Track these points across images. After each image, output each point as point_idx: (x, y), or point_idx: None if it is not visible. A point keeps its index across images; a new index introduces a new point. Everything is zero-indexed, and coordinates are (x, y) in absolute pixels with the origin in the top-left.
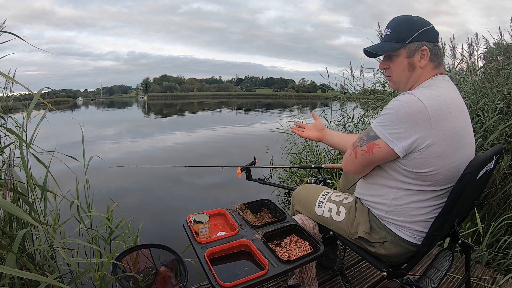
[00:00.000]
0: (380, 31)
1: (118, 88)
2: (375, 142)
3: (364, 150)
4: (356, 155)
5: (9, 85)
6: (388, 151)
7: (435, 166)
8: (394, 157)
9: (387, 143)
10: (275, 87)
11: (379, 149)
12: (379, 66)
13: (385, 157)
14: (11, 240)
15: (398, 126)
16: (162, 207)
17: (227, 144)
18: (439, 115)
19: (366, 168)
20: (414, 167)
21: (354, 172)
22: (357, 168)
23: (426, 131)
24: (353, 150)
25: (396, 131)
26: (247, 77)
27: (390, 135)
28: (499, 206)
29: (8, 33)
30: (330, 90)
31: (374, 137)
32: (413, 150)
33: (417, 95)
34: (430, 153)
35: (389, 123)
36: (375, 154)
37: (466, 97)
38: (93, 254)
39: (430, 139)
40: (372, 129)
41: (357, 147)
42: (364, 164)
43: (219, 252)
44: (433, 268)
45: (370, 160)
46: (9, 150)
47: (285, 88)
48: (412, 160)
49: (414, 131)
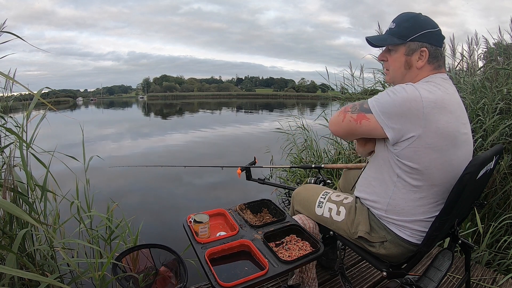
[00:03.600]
0: (380, 31)
1: (118, 88)
2: (366, 115)
3: (353, 118)
4: (344, 119)
5: (9, 85)
6: (376, 127)
7: (427, 159)
8: (381, 135)
9: (377, 120)
10: (275, 87)
11: (367, 122)
12: (378, 57)
13: (371, 132)
14: (11, 240)
15: (392, 108)
16: (162, 207)
17: (227, 144)
18: (433, 108)
19: (348, 135)
20: (406, 157)
21: (336, 132)
22: (339, 130)
23: (417, 120)
24: (342, 113)
25: (388, 110)
26: (247, 77)
27: (382, 114)
28: (499, 206)
29: (8, 33)
30: (330, 90)
31: (367, 110)
32: (402, 137)
33: (416, 86)
34: (421, 144)
35: (385, 103)
36: (362, 125)
37: (466, 97)
38: (93, 254)
39: (421, 129)
40: (367, 102)
41: (348, 112)
42: (348, 130)
43: (219, 252)
44: (433, 268)
45: (356, 129)
46: (9, 150)
47: (285, 88)
48: (404, 150)
49: (405, 118)
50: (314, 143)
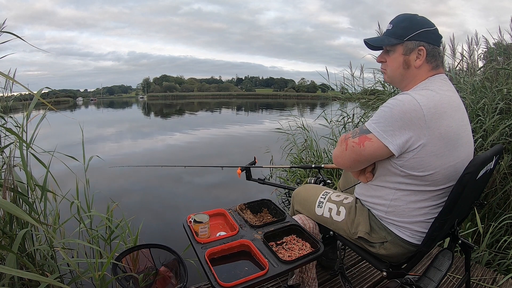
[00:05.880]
0: (380, 31)
1: (118, 88)
2: (368, 136)
3: (355, 142)
4: (347, 147)
5: (9, 85)
6: (380, 146)
7: (432, 166)
8: (387, 154)
9: (379, 139)
10: (275, 87)
11: (370, 143)
12: (376, 59)
13: (376, 153)
14: (11, 240)
15: (392, 123)
16: (162, 207)
17: (227, 144)
18: (434, 114)
19: (355, 163)
20: (411, 168)
21: (343, 165)
22: (346, 161)
23: (421, 129)
24: (344, 141)
25: (390, 128)
26: (247, 77)
27: (384, 132)
28: (499, 206)
29: (8, 33)
30: (330, 90)
31: (367, 131)
32: (407, 149)
33: (412, 94)
34: (426, 153)
35: (383, 120)
36: (366, 148)
37: (466, 97)
38: (93, 254)
39: (425, 137)
40: (366, 124)
41: (349, 139)
42: (354, 157)
43: (219, 252)
44: (433, 268)
45: (360, 153)
46: (9, 150)
47: (285, 88)
48: (408, 161)
49: (408, 129)
50: (314, 143)
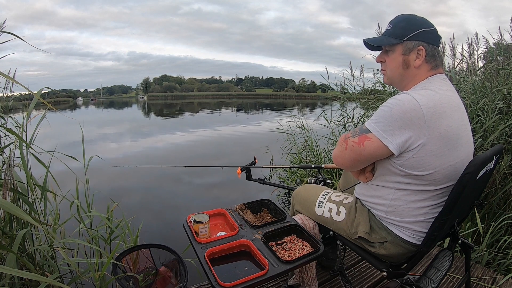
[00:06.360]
0: (380, 31)
1: (118, 88)
2: (367, 136)
3: (355, 142)
4: (346, 146)
5: (9, 85)
6: (380, 145)
7: (432, 166)
8: (387, 153)
9: (379, 138)
10: (275, 87)
11: (370, 143)
12: (376, 59)
13: (375, 153)
14: (11, 240)
15: (392, 123)
16: (162, 207)
17: (227, 144)
18: (433, 114)
19: (355, 162)
20: (410, 167)
21: (342, 164)
22: (346, 160)
23: (420, 129)
24: (344, 141)
25: (390, 127)
26: (247, 77)
27: (384, 132)
28: (499, 206)
29: (8, 33)
30: (330, 90)
31: (367, 131)
32: (407, 149)
33: (412, 94)
34: (426, 152)
35: (383, 119)
36: (365, 147)
37: (466, 97)
38: (93, 254)
39: (425, 137)
40: (365, 124)
41: (349, 138)
42: (353, 157)
43: (219, 252)
44: (433, 268)
45: (360, 153)
46: (9, 150)
47: (285, 88)
48: (408, 160)
49: (408, 129)
50: (314, 143)
